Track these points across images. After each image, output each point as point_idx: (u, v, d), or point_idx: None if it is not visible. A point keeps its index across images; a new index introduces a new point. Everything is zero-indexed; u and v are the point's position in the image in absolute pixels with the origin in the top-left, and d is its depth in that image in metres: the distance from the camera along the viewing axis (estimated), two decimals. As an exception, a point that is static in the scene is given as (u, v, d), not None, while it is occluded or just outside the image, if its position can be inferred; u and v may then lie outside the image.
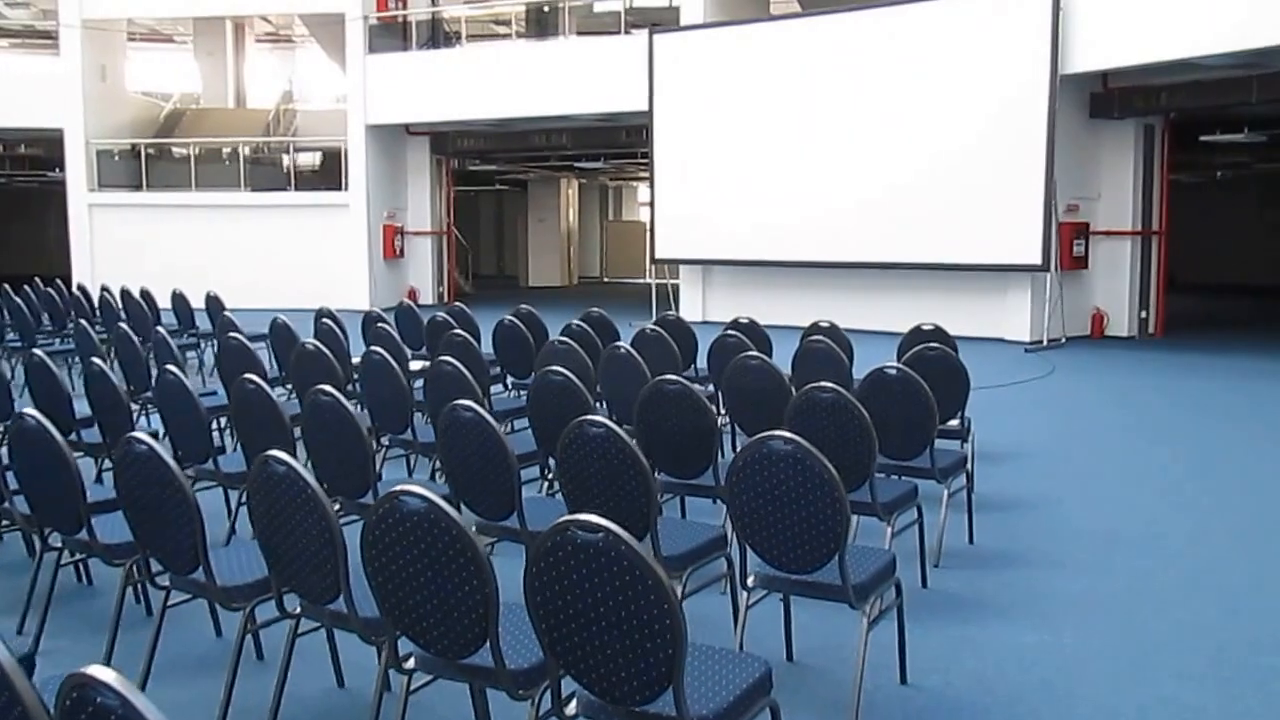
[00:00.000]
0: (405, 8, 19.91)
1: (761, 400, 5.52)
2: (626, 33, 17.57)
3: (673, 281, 17.56)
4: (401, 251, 20.17)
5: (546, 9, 18.86)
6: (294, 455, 3.13)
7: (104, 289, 12.01)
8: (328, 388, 4.40)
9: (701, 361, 7.75)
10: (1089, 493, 6.59)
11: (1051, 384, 10.92)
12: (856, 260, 14.81)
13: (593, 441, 3.74)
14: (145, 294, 11.50)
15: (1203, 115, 14.56)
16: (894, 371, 5.15)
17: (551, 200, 27.15)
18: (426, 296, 20.61)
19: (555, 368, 5.11)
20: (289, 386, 7.25)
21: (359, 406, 6.28)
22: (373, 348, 6.16)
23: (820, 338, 6.49)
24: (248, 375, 4.82)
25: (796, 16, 16.24)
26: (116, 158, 20.81)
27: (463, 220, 28.43)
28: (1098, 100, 14.12)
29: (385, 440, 5.93)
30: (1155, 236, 14.74)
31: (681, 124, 16.22)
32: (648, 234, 17.19)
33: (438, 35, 19.84)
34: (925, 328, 7.31)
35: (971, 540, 5.51)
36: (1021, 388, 10.64)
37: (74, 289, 13.23)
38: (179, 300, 11.36)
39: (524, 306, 8.99)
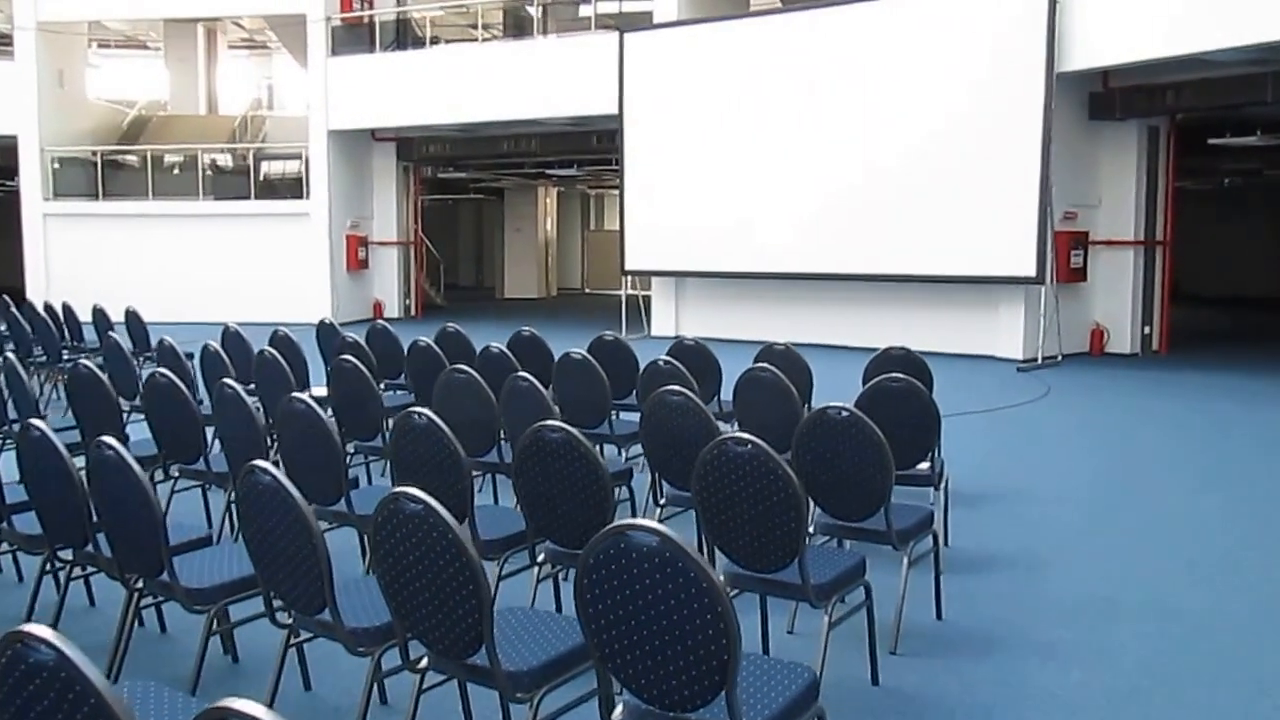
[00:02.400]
0: (371, 8, 18.98)
1: (680, 444, 4.53)
2: (612, 30, 16.59)
3: (644, 293, 16.58)
4: (366, 263, 19.19)
5: (524, 10, 18.02)
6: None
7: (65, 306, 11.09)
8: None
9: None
10: (1086, 547, 5.57)
11: (1045, 408, 9.91)
12: (838, 272, 13.83)
13: (410, 520, 2.76)
14: (99, 311, 10.60)
15: (1212, 117, 13.57)
16: (841, 414, 4.14)
17: (528, 209, 26.19)
18: (392, 309, 19.62)
19: (418, 412, 4.10)
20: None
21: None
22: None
23: (766, 366, 5.47)
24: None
25: (775, 13, 15.27)
26: (63, 165, 19.84)
27: (440, 230, 27.52)
28: (1097, 100, 13.14)
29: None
30: (1159, 247, 13.74)
31: (654, 128, 15.26)
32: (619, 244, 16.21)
33: (405, 37, 18.90)
34: (894, 352, 6.33)
35: (940, 614, 4.51)
36: (1012, 413, 9.63)
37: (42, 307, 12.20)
38: (132, 318, 10.41)
39: (450, 326, 7.98)
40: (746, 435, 3.40)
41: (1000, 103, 12.39)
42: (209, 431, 5.22)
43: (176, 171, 19.94)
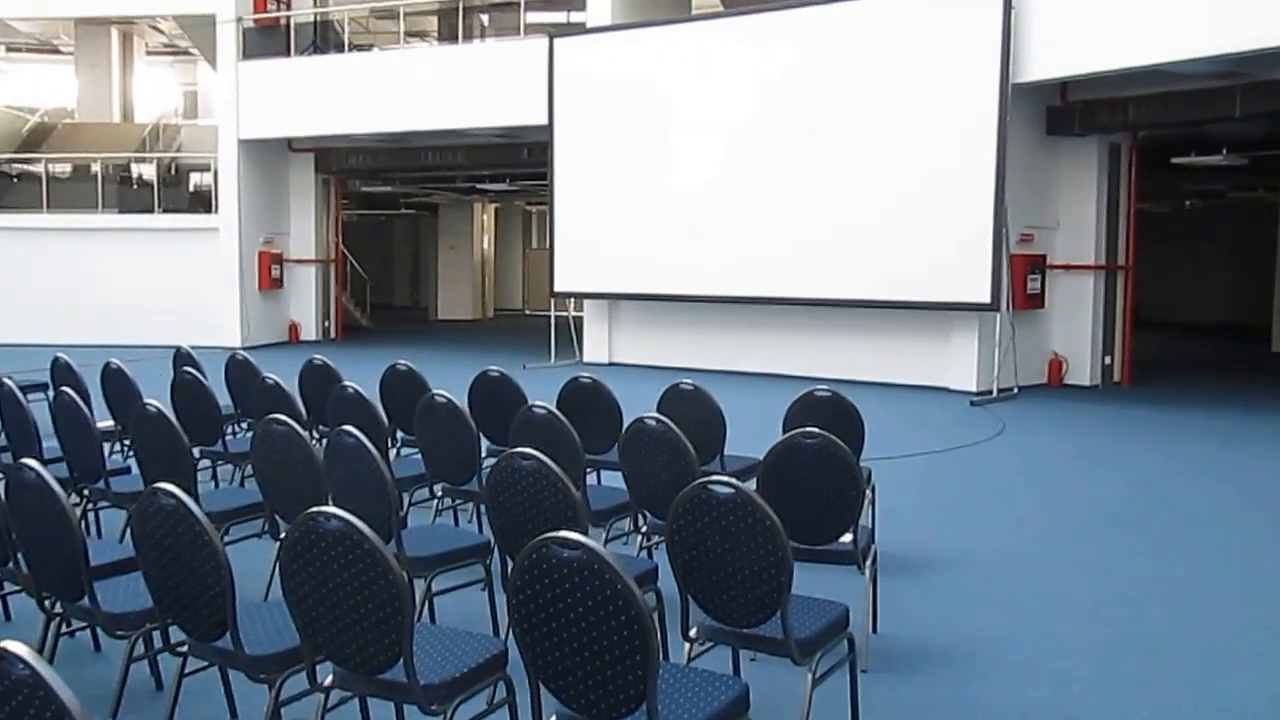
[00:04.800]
0: (289, 9, 17.77)
1: (527, 519, 3.43)
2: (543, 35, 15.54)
3: (577, 314, 15.46)
4: (280, 282, 17.89)
5: (469, 17, 16.99)
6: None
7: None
8: None
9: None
10: (1034, 636, 4.49)
11: (999, 449, 8.89)
12: (780, 296, 12.79)
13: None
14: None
15: (1175, 135, 12.72)
16: (723, 492, 3.05)
17: (464, 226, 24.97)
18: (310, 331, 18.33)
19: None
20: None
21: None
22: None
23: (656, 416, 4.34)
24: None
25: (715, 18, 14.29)
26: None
27: (372, 247, 26.25)
28: (1055, 114, 12.25)
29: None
30: (1121, 271, 12.85)
31: (586, 140, 14.17)
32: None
33: (326, 40, 17.72)
34: (819, 394, 5.23)
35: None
36: (962, 455, 8.59)
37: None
38: None
39: (318, 357, 6.81)
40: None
41: (953, 115, 11.46)
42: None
43: (77, 182, 18.55)
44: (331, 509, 2.65)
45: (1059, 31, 10.93)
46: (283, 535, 4.23)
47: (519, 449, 3.38)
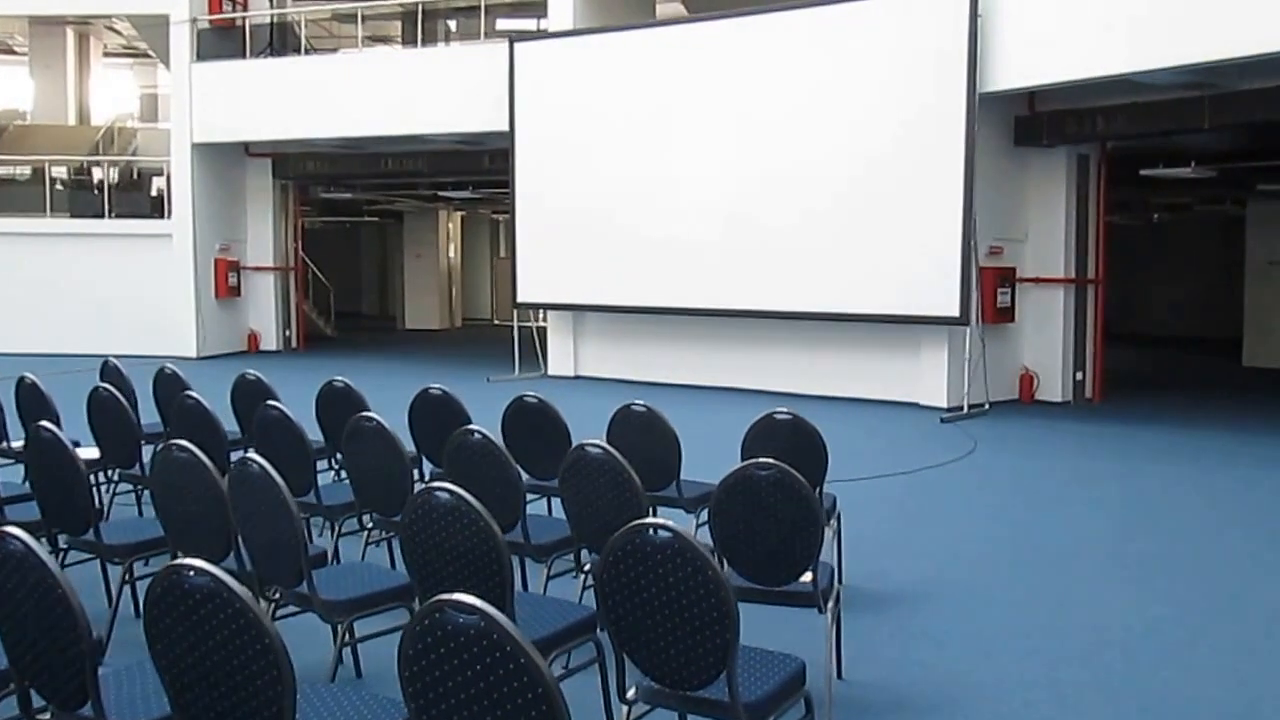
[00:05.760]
0: (245, 10, 17.33)
1: (450, 559, 3.09)
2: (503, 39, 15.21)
3: (540, 325, 15.11)
4: (238, 290, 17.42)
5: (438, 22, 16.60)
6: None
7: None
8: None
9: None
10: (1022, 680, 4.20)
11: (969, 470, 8.63)
12: (748, 308, 12.49)
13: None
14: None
15: (1143, 147, 12.54)
16: (661, 536, 2.73)
17: (430, 234, 24.55)
18: (270, 342, 17.86)
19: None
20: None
21: None
22: None
23: (597, 447, 4.00)
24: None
25: (681, 23, 14.03)
26: None
27: (340, 255, 25.75)
28: (1023, 125, 12.05)
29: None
30: (1091, 285, 12.66)
31: (549, 147, 13.84)
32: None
33: (285, 43, 17.30)
34: (779, 416, 4.92)
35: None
36: (932, 476, 8.32)
37: None
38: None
39: (251, 372, 6.43)
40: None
41: (920, 124, 11.22)
42: None
43: (27, 185, 18.01)
44: (194, 562, 2.36)
45: (1026, 40, 10.72)
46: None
47: (435, 483, 3.04)
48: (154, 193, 18.68)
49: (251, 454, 3.36)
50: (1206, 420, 11.33)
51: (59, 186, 18.17)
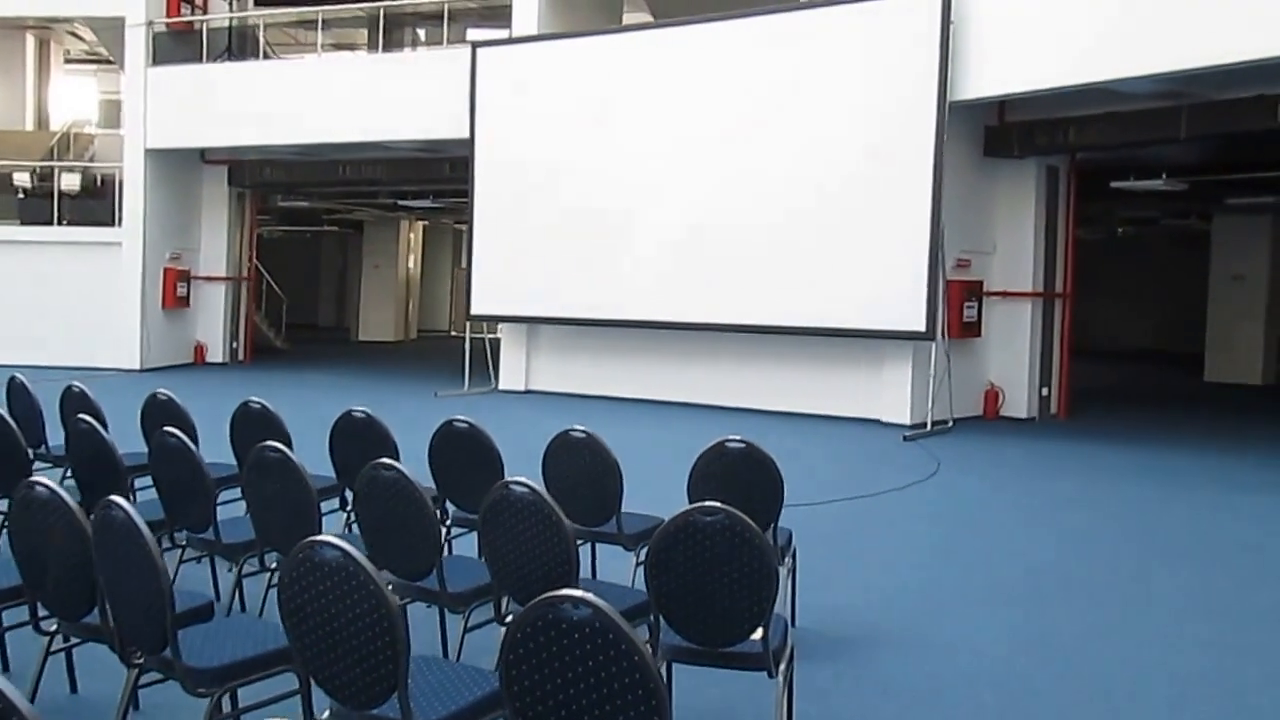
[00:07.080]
0: (206, 13, 16.84)
1: (328, 629, 2.68)
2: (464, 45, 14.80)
3: (493, 337, 14.71)
4: (187, 300, 16.88)
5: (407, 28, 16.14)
6: None
7: None
8: None
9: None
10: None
11: (931, 493, 8.30)
12: (707, 322, 12.16)
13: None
14: None
15: (1114, 159, 12.34)
16: (580, 614, 2.34)
17: (390, 245, 24.08)
18: (216, 354, 17.32)
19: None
20: None
21: None
22: None
23: (522, 485, 3.60)
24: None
25: (646, 29, 13.72)
26: None
27: (297, 265, 25.20)
28: (993, 135, 11.81)
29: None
30: (1059, 299, 12.42)
31: (508, 154, 13.45)
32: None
33: (245, 48, 16.82)
34: (731, 445, 4.54)
35: None
36: (891, 501, 7.98)
37: None
38: None
39: (162, 391, 6.00)
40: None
41: (889, 133, 10.94)
42: None
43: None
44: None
45: (998, 48, 10.49)
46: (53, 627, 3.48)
47: (317, 538, 2.64)
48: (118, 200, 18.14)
49: (115, 498, 2.94)
50: (1170, 438, 11.13)
51: (20, 195, 17.53)
